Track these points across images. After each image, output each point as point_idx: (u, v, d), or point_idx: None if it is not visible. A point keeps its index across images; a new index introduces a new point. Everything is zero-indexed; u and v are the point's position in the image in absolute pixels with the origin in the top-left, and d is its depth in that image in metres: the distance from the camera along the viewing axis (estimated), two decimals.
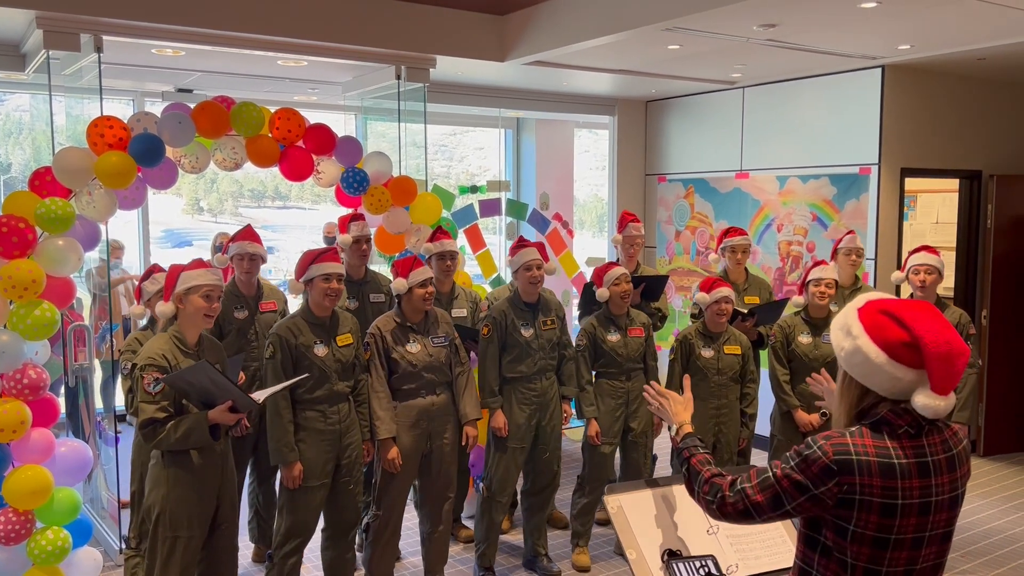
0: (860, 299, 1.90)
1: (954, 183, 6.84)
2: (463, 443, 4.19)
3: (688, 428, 2.22)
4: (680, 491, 2.58)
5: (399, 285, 3.99)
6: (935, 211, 7.95)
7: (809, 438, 1.82)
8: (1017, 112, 6.87)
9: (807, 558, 1.88)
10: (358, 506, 3.98)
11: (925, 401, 1.74)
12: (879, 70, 5.95)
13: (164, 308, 3.40)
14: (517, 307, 4.40)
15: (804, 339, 4.58)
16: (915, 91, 6.14)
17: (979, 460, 6.58)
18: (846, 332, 1.86)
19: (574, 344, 4.62)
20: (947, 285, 7.33)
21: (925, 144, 6.26)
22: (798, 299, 4.71)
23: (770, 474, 1.85)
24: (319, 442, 3.78)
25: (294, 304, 4.30)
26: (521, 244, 4.44)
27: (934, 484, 1.78)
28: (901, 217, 6.20)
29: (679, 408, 2.31)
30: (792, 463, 1.82)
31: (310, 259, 3.79)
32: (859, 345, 1.80)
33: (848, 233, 5.18)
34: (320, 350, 3.79)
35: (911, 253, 4.76)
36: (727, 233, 5.23)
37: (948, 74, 6.30)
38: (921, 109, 6.20)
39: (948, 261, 7.26)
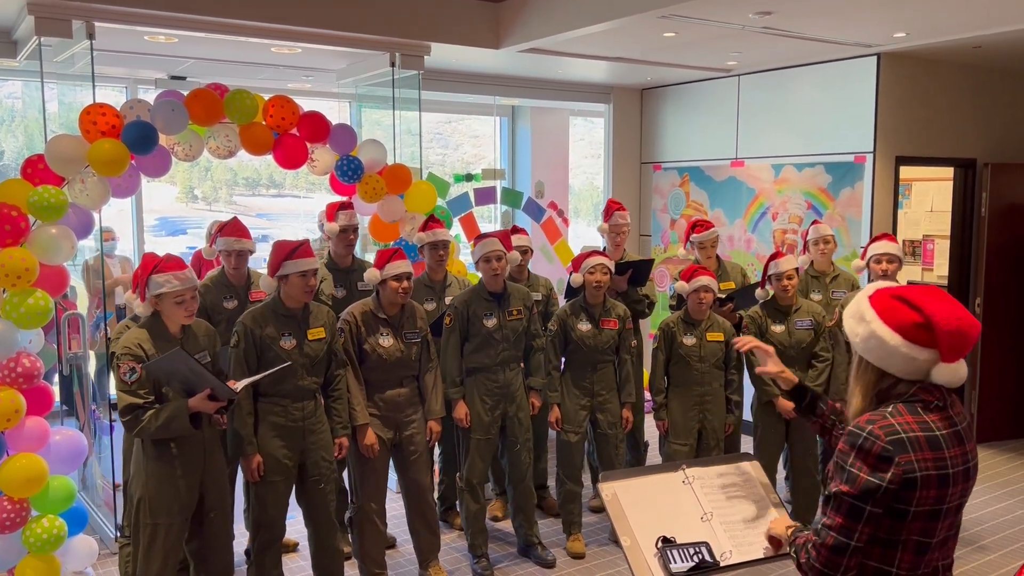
0: (870, 288, 1.95)
1: (949, 171, 6.85)
2: (427, 438, 4.18)
3: (796, 525, 2.11)
4: (674, 478, 2.59)
5: (372, 276, 3.96)
6: (930, 199, 7.96)
7: (852, 426, 1.85)
8: (1012, 100, 6.87)
9: None
10: (329, 506, 3.93)
11: (945, 374, 1.81)
12: (874, 58, 5.93)
13: (141, 310, 3.38)
14: (481, 297, 4.34)
15: (777, 328, 4.60)
16: (910, 79, 6.13)
17: None
18: (859, 319, 1.91)
19: (548, 329, 4.60)
20: (941, 273, 7.36)
21: (920, 132, 6.26)
22: (761, 293, 4.69)
23: (834, 491, 1.83)
24: (277, 436, 3.73)
25: None
26: (482, 235, 4.36)
27: (968, 451, 1.87)
28: (896, 205, 6.20)
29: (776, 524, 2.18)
30: (847, 464, 1.81)
31: (284, 254, 3.68)
32: (873, 329, 1.86)
33: (813, 223, 5.16)
34: (287, 343, 3.70)
35: (871, 241, 4.71)
36: (694, 228, 5.19)
37: (944, 62, 6.29)
38: (916, 97, 6.20)
39: (942, 249, 7.29)
